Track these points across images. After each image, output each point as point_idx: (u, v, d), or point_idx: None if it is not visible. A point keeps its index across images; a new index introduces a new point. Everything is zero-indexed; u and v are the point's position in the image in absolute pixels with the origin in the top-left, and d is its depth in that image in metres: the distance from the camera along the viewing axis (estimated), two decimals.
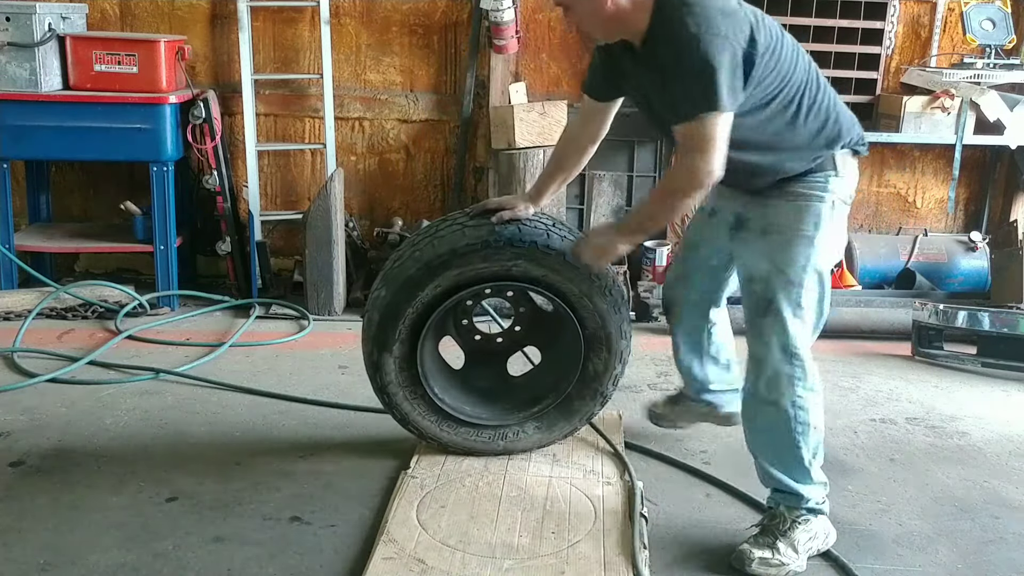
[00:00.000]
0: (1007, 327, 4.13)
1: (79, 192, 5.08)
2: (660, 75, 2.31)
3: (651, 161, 5.19)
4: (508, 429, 2.99)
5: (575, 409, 2.99)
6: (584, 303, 2.82)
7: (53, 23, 4.38)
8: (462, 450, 2.98)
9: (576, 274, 2.76)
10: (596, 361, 2.91)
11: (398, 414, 2.92)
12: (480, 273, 2.76)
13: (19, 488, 2.82)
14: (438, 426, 2.95)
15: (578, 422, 3.03)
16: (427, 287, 2.74)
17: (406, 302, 2.76)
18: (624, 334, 2.90)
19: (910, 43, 5.10)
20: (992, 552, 2.66)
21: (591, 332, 2.87)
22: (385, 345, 2.80)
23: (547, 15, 5.00)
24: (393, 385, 2.86)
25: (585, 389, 2.96)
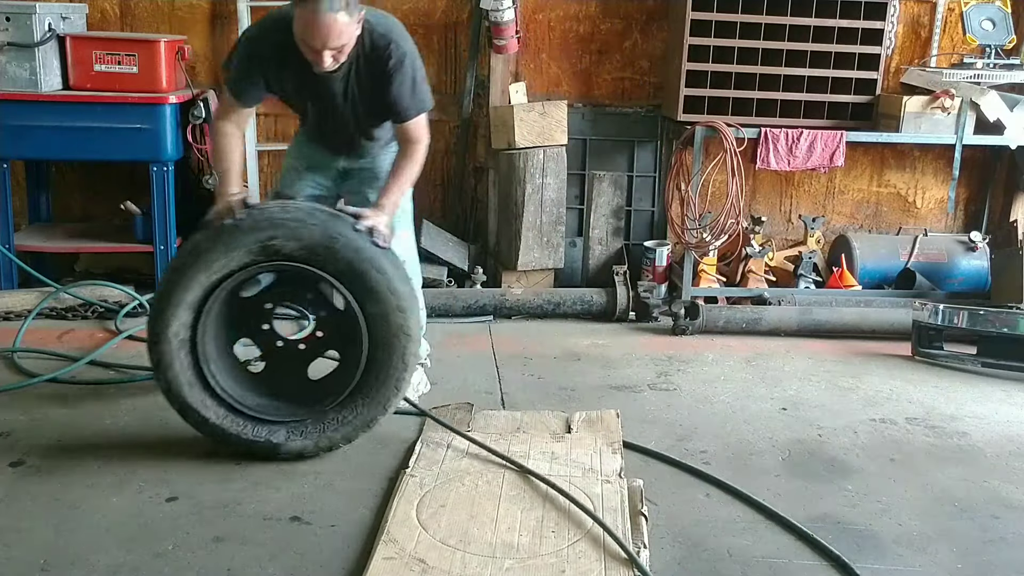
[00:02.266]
0: (1007, 327, 4.13)
1: (79, 192, 5.08)
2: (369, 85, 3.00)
3: (651, 161, 5.20)
4: (304, 426, 2.98)
5: (360, 409, 2.97)
6: (362, 295, 2.84)
7: (53, 23, 4.38)
8: (253, 453, 2.97)
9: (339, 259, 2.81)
10: (381, 358, 2.90)
11: (176, 402, 2.93)
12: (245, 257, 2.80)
13: (19, 488, 2.82)
14: (229, 424, 2.95)
15: (375, 414, 2.98)
16: (201, 272, 2.81)
17: (179, 287, 2.82)
18: (404, 330, 2.88)
19: (910, 43, 5.11)
20: (992, 552, 2.66)
21: (374, 328, 2.87)
22: (161, 335, 2.84)
23: (547, 15, 5.00)
24: (172, 373, 2.89)
25: (371, 386, 2.94)
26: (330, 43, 2.77)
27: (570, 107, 4.89)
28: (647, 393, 3.76)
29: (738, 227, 4.70)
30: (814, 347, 4.40)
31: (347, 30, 2.77)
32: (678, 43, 4.68)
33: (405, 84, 3.00)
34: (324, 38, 2.75)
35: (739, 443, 3.31)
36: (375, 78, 2.99)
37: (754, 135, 4.59)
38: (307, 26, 2.74)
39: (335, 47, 2.79)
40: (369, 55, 2.95)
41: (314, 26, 2.73)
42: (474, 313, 4.62)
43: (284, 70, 2.98)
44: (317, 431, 2.98)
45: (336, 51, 2.81)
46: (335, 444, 3.00)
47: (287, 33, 2.83)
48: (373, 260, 2.84)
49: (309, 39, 2.77)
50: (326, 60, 2.81)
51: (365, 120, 3.16)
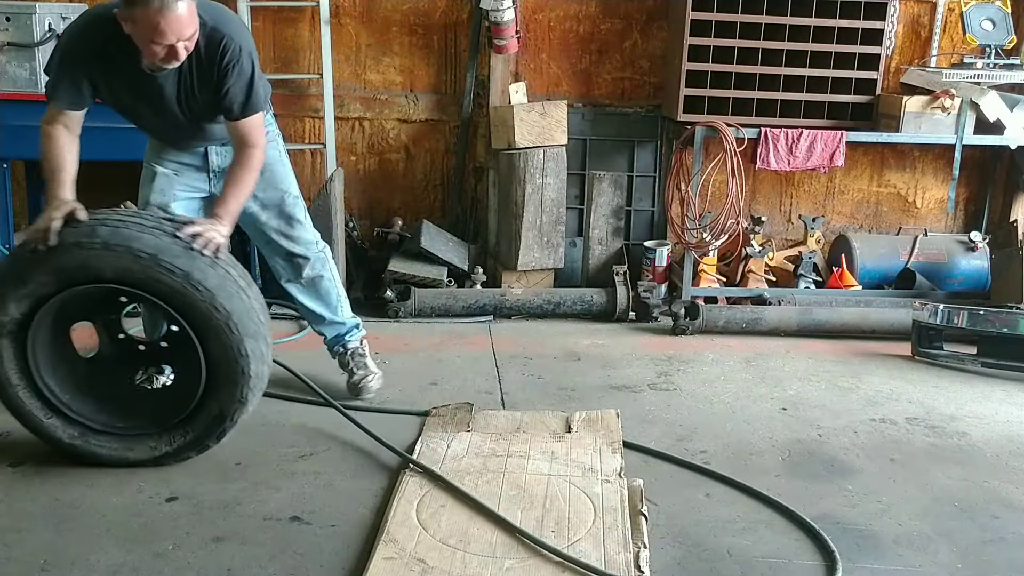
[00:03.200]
0: (1007, 327, 4.13)
1: (79, 192, 5.03)
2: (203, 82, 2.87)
3: (651, 161, 5.20)
4: (130, 439, 2.92)
5: (201, 421, 2.89)
6: (186, 311, 2.73)
7: (53, 23, 4.37)
8: (94, 459, 2.92)
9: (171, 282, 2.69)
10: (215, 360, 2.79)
11: (15, 410, 2.89)
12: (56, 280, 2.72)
13: (19, 488, 2.82)
14: (62, 430, 2.90)
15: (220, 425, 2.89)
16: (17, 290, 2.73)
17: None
18: (240, 351, 2.76)
19: (910, 43, 5.11)
20: (992, 552, 2.66)
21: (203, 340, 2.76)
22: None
23: (547, 15, 5.00)
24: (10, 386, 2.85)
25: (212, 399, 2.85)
26: (184, 34, 2.65)
27: (570, 107, 4.89)
28: (647, 393, 3.76)
29: (738, 227, 4.70)
30: (814, 347, 4.40)
31: (193, 18, 2.67)
32: (678, 43, 4.68)
33: (240, 82, 2.87)
34: (178, 31, 2.63)
35: (739, 443, 3.31)
36: (208, 74, 2.85)
37: (754, 135, 4.59)
38: (155, 24, 2.59)
39: (188, 37, 2.67)
40: (202, 50, 2.80)
41: (165, 22, 2.59)
42: (474, 313, 4.62)
43: (110, 72, 2.84)
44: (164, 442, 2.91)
45: (188, 40, 2.69)
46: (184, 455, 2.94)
47: (110, 33, 2.71)
48: (190, 276, 2.68)
49: (160, 36, 2.62)
50: (181, 54, 2.69)
51: (204, 117, 3.02)
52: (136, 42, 2.70)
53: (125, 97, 2.96)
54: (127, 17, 2.65)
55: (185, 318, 2.75)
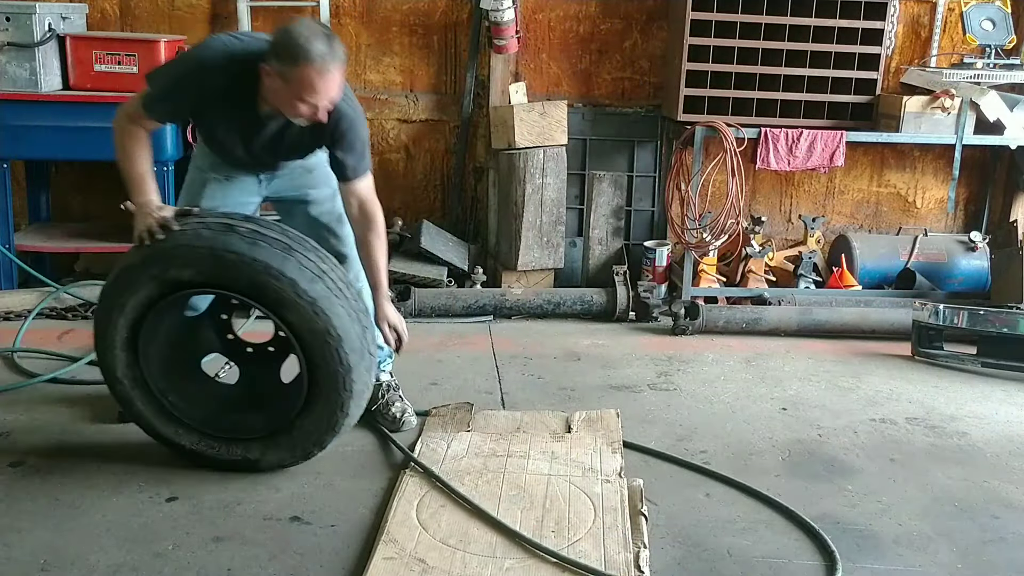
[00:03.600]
0: (1007, 327, 4.13)
1: (79, 192, 5.08)
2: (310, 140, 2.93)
3: (651, 161, 5.20)
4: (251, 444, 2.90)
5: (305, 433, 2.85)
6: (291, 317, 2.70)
7: (53, 23, 4.38)
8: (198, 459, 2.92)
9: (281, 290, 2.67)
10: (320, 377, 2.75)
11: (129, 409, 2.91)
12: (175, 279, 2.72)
13: (19, 488, 2.82)
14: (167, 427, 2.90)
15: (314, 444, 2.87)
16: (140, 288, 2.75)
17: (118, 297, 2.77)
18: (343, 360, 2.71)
19: (910, 43, 5.11)
20: (992, 552, 2.66)
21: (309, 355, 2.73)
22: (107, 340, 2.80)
23: (547, 15, 5.00)
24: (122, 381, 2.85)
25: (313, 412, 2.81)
26: (335, 97, 2.69)
27: (570, 107, 4.89)
28: (647, 393, 3.76)
29: (738, 227, 4.70)
30: (814, 347, 4.40)
31: (343, 81, 2.71)
32: (678, 43, 4.68)
33: (359, 142, 2.91)
34: (330, 93, 2.66)
35: (739, 443, 3.31)
36: (321, 133, 2.86)
37: (754, 135, 4.59)
38: (311, 83, 2.61)
39: (332, 101, 2.70)
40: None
41: (323, 82, 2.61)
42: (474, 313, 4.62)
43: (221, 110, 2.83)
44: (289, 443, 2.88)
45: (332, 103, 2.71)
46: (309, 453, 2.90)
47: (237, 74, 2.71)
48: (269, 268, 2.66)
49: (312, 96, 2.64)
50: (322, 115, 2.71)
51: (293, 160, 3.07)
52: (275, 94, 2.70)
53: (221, 130, 2.93)
54: (280, 73, 2.63)
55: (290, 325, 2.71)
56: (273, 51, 2.65)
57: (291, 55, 2.61)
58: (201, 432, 2.91)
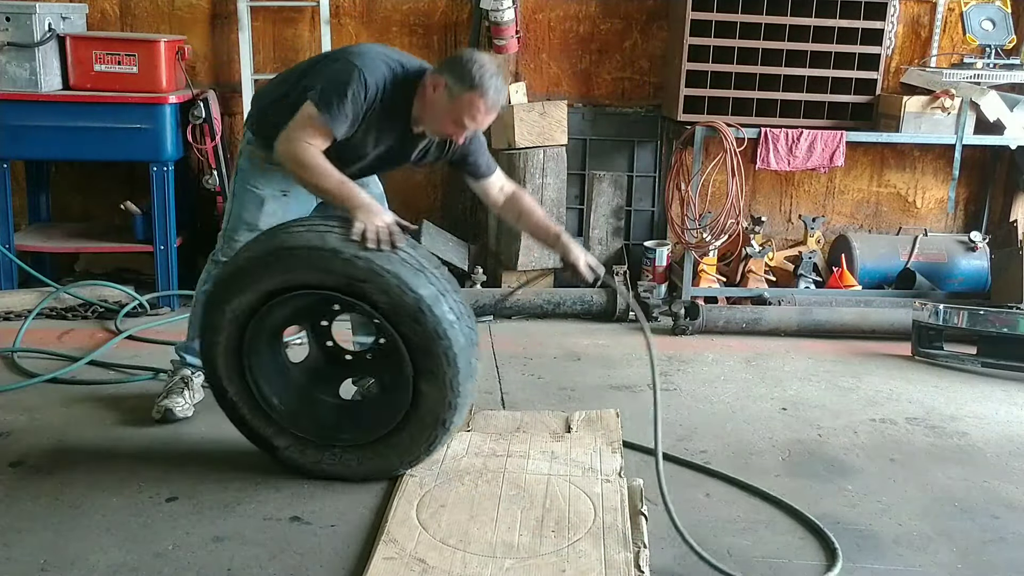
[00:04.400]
0: (1007, 327, 4.13)
1: (79, 192, 5.08)
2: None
3: (651, 161, 5.20)
4: (327, 451, 2.85)
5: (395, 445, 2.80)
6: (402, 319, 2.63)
7: (53, 23, 4.38)
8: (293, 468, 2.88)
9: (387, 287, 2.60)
10: (426, 395, 2.70)
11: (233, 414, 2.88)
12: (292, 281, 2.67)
13: (19, 488, 2.82)
14: (272, 436, 2.87)
15: (398, 462, 2.84)
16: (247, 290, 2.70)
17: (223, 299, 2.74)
18: (450, 360, 2.65)
19: (910, 43, 5.11)
20: (992, 552, 2.66)
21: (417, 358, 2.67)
22: (211, 340, 2.78)
23: (547, 15, 5.00)
24: (225, 381, 2.83)
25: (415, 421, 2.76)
26: (484, 126, 2.82)
27: (570, 107, 4.89)
28: (647, 393, 3.75)
29: (738, 227, 4.70)
30: (814, 347, 4.40)
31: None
32: (678, 43, 4.68)
33: (480, 141, 3.02)
34: (482, 122, 2.78)
35: (739, 443, 3.31)
36: (450, 146, 2.97)
37: (754, 135, 4.59)
38: (475, 113, 2.72)
39: (487, 126, 2.84)
40: None
41: (485, 115, 2.74)
42: (474, 313, 4.61)
43: (385, 122, 2.86)
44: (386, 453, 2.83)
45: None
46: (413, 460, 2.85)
47: (409, 91, 2.80)
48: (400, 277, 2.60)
49: (471, 123, 2.75)
50: (463, 138, 2.83)
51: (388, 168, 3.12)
52: (432, 106, 2.78)
53: (370, 142, 2.91)
54: (449, 88, 2.72)
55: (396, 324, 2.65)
56: (451, 67, 2.75)
57: (470, 78, 2.70)
58: (296, 436, 2.86)
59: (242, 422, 2.89)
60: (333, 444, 2.86)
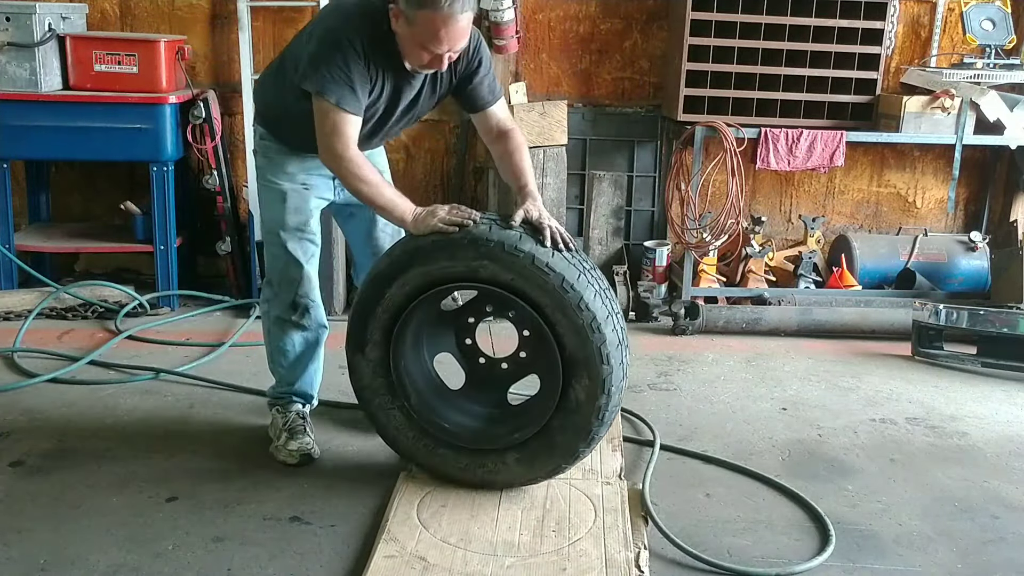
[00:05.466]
0: (1007, 327, 4.13)
1: (79, 192, 5.08)
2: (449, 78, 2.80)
3: (651, 161, 5.20)
4: (487, 457, 2.75)
5: (557, 444, 2.66)
6: (558, 317, 2.54)
7: (53, 23, 4.38)
8: (439, 475, 2.81)
9: (545, 283, 2.51)
10: (577, 389, 2.59)
11: (376, 423, 2.83)
12: (446, 272, 2.60)
13: (19, 488, 2.82)
14: (415, 443, 2.79)
15: (561, 459, 2.69)
16: (394, 284, 2.63)
17: (374, 300, 2.68)
18: (606, 359, 2.53)
19: (910, 43, 5.11)
20: (992, 552, 2.66)
21: (570, 354, 2.57)
22: (358, 346, 2.74)
23: (547, 15, 5.00)
24: (368, 390, 2.78)
25: (567, 422, 2.63)
26: (458, 46, 2.56)
27: (570, 107, 4.89)
28: (647, 393, 3.76)
29: (738, 227, 4.70)
30: (814, 347, 4.40)
31: (470, 30, 2.58)
32: (678, 43, 4.68)
33: (488, 69, 2.82)
34: (454, 41, 2.53)
35: (739, 443, 3.31)
36: (461, 65, 2.76)
37: (754, 135, 4.59)
38: (436, 31, 2.48)
39: (460, 50, 2.60)
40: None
41: (446, 30, 2.48)
42: None
43: (382, 70, 2.65)
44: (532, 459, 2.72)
45: (456, 53, 2.60)
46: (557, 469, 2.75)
47: (381, 25, 2.57)
48: (564, 278, 2.52)
49: (435, 43, 2.51)
50: (446, 63, 2.60)
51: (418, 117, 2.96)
52: (401, 41, 2.59)
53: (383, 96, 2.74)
54: (405, 16, 2.52)
55: (551, 321, 2.57)
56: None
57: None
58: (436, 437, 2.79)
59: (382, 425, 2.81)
60: (487, 449, 2.77)
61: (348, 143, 2.62)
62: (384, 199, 2.69)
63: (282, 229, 2.93)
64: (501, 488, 2.79)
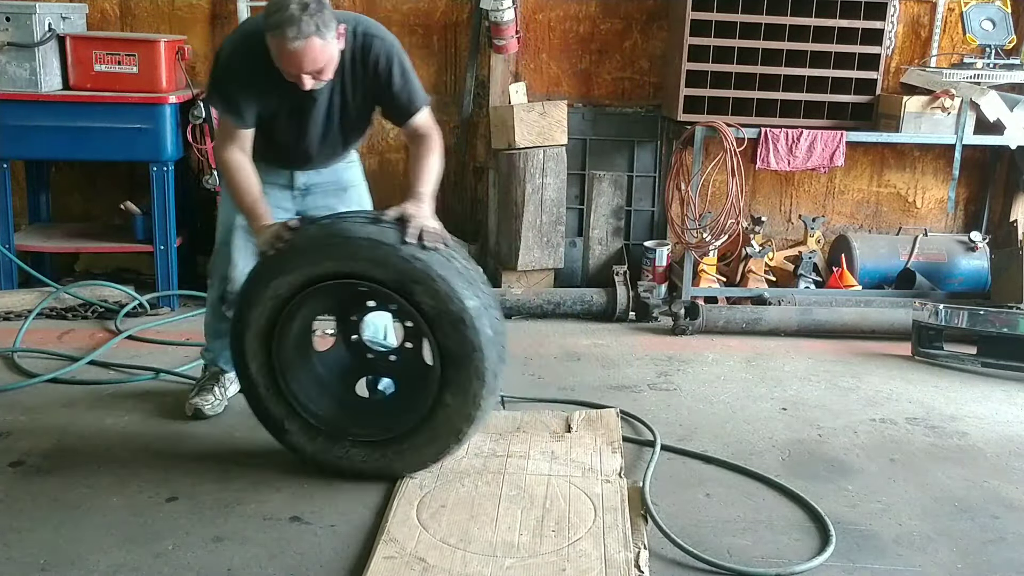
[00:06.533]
0: (1007, 327, 4.13)
1: (79, 192, 5.08)
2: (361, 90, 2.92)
3: (651, 161, 5.20)
4: (337, 443, 2.85)
5: (440, 432, 2.76)
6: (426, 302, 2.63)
7: (53, 23, 4.38)
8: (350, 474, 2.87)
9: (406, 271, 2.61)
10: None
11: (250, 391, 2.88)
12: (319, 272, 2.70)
13: (19, 488, 2.82)
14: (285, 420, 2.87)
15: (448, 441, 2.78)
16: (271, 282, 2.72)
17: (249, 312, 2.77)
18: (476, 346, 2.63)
19: (910, 43, 5.11)
20: (992, 552, 2.66)
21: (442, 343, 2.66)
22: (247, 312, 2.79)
23: (547, 15, 5.00)
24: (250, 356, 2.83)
25: (449, 410, 2.73)
26: (305, 69, 2.67)
27: (570, 107, 4.89)
28: (647, 393, 3.76)
29: (738, 227, 4.70)
30: (814, 347, 4.40)
31: (323, 52, 2.67)
32: (678, 43, 4.68)
33: (406, 76, 2.92)
34: (299, 65, 2.66)
35: (739, 443, 3.31)
36: (366, 81, 2.90)
37: (754, 135, 4.59)
38: (280, 55, 2.66)
39: (312, 71, 2.69)
40: (355, 59, 2.86)
41: (287, 55, 2.63)
42: None
43: (268, 85, 2.82)
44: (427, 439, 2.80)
45: (316, 73, 2.71)
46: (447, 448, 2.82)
47: (265, 48, 2.71)
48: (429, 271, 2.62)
49: (285, 65, 2.67)
50: (307, 83, 2.72)
51: (348, 129, 3.06)
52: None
53: (278, 111, 2.92)
54: (269, 38, 2.67)
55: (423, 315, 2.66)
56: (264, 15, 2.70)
57: (267, 24, 2.64)
58: (308, 423, 2.86)
59: (257, 400, 2.88)
60: (344, 437, 2.86)
61: (228, 148, 2.88)
62: (244, 205, 2.89)
63: (231, 228, 3.13)
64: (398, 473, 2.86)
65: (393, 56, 2.90)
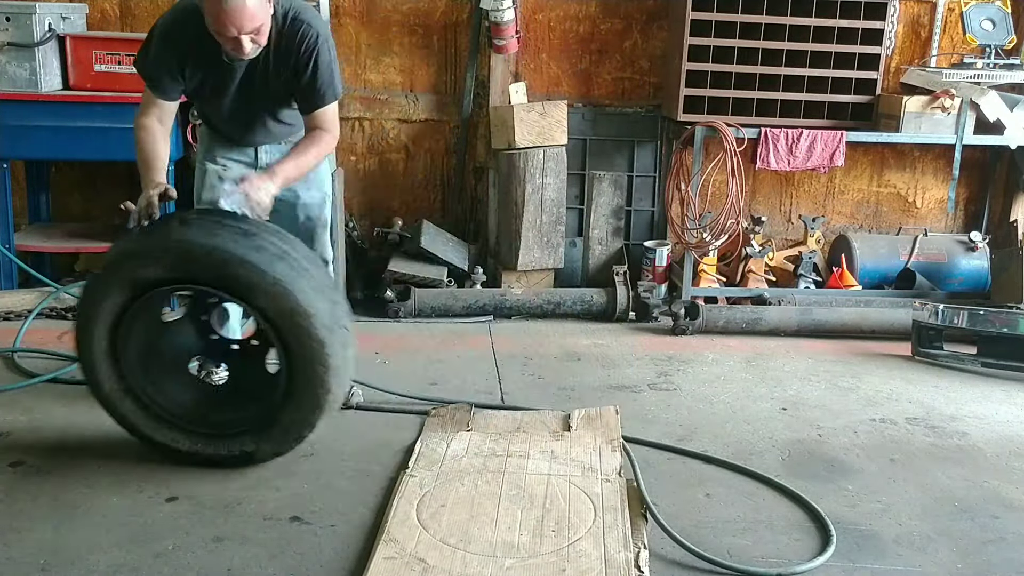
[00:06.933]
0: (1007, 327, 4.13)
1: (79, 192, 5.08)
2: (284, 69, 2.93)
3: (651, 161, 5.20)
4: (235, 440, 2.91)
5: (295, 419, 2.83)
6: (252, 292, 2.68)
7: (53, 23, 4.38)
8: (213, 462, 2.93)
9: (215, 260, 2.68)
10: (298, 360, 2.74)
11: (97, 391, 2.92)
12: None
13: (19, 488, 2.82)
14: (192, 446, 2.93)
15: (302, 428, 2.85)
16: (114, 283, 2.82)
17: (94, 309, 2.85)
18: (309, 333, 2.69)
19: (910, 43, 5.11)
20: (992, 552, 2.66)
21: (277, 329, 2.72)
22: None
23: (547, 15, 5.00)
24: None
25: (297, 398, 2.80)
26: (245, 27, 2.70)
27: (570, 107, 4.89)
28: (647, 393, 3.76)
29: (738, 227, 4.70)
30: (814, 347, 4.40)
31: (260, 11, 2.71)
32: (678, 43, 4.68)
33: (319, 70, 2.92)
34: (239, 23, 2.68)
35: (739, 443, 3.31)
36: (289, 62, 2.91)
37: (754, 135, 4.59)
38: (219, 14, 2.67)
39: (251, 31, 2.72)
40: (282, 38, 2.88)
41: (226, 13, 2.66)
42: (474, 313, 4.62)
43: (198, 60, 2.89)
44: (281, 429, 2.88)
45: (254, 34, 2.74)
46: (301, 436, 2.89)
47: (198, 24, 2.76)
48: (229, 254, 2.67)
49: (222, 27, 2.69)
50: (246, 46, 2.75)
51: (274, 107, 3.09)
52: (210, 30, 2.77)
53: (207, 86, 3.00)
54: (203, 6, 2.71)
55: (260, 310, 2.71)
56: None
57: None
58: (194, 432, 2.92)
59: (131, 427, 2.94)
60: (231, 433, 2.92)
61: (144, 114, 2.97)
62: (139, 166, 2.99)
63: (197, 202, 3.24)
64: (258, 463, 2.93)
65: (319, 45, 2.91)
